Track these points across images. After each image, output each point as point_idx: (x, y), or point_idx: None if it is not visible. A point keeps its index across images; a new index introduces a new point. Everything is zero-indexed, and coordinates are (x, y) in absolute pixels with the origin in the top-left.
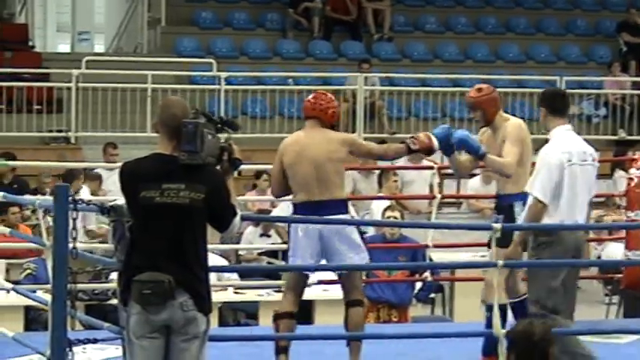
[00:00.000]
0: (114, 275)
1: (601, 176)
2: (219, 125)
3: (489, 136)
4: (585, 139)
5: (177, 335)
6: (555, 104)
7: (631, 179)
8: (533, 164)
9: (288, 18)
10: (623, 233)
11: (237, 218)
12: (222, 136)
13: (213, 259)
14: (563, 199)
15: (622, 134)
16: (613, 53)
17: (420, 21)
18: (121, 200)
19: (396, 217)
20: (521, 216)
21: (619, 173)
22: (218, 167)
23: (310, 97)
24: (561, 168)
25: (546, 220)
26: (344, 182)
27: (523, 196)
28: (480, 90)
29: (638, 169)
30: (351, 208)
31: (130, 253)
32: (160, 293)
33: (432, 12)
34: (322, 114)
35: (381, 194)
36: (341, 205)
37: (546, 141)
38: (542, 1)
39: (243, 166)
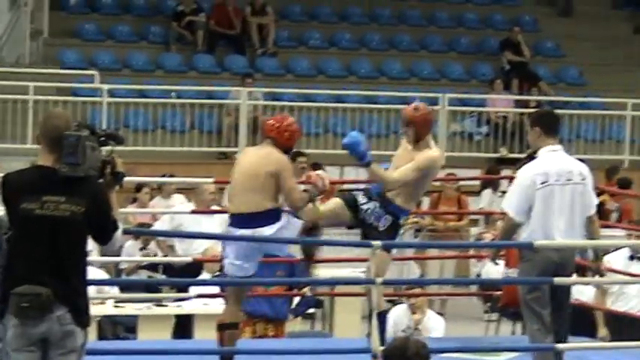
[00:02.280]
0: None
1: (476, 193)
2: (102, 138)
3: (406, 151)
4: (467, 157)
5: (54, 349)
6: (551, 125)
7: None
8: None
9: (172, 31)
10: (502, 251)
11: (119, 232)
12: (106, 149)
13: (94, 273)
14: (535, 219)
15: (503, 152)
16: (495, 71)
17: (304, 36)
18: None
19: None
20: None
21: (486, 191)
22: (101, 180)
23: (272, 118)
24: (532, 188)
25: (519, 238)
26: (272, 196)
27: (407, 212)
28: (417, 109)
29: None
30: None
31: (9, 265)
32: (38, 306)
33: (316, 27)
34: (278, 135)
35: None
36: (262, 218)
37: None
38: (426, 18)
39: (124, 179)
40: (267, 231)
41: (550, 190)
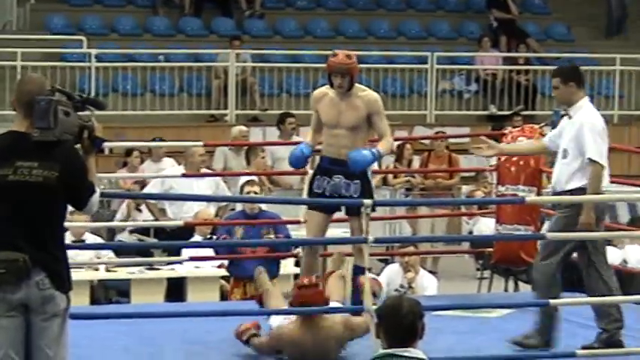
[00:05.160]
0: None
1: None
2: (79, 103)
3: (335, 102)
4: (456, 115)
5: (36, 314)
6: (581, 77)
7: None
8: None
9: None
10: (493, 208)
11: (96, 196)
12: (86, 113)
13: (90, 238)
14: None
15: (493, 109)
16: (483, 29)
17: None
18: None
19: (255, 192)
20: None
21: None
22: (78, 145)
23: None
24: (605, 133)
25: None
26: None
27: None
28: (349, 57)
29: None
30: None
31: None
32: (15, 272)
33: None
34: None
35: (248, 170)
36: None
37: None
38: None
39: (114, 144)
40: None
41: None
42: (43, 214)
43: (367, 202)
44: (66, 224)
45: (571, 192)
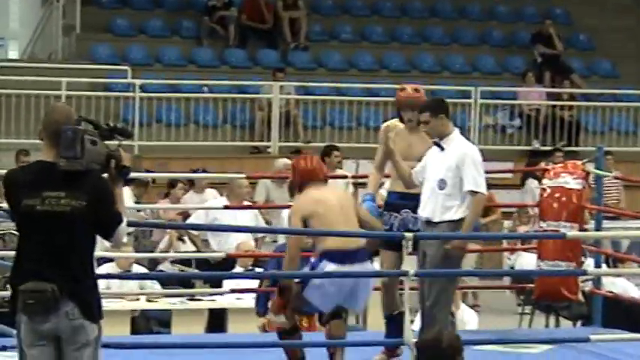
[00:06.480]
0: None
1: (514, 186)
2: (106, 132)
3: (403, 133)
4: (499, 150)
5: (67, 344)
6: (448, 109)
7: (544, 190)
8: None
9: (204, 26)
10: (535, 243)
11: (123, 225)
12: (113, 143)
13: (135, 268)
14: None
15: (536, 145)
16: (527, 64)
17: (336, 30)
18: None
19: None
20: None
21: (533, 183)
22: (105, 175)
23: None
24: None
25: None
26: None
27: None
28: (417, 90)
29: (550, 179)
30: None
31: (16, 262)
32: (44, 303)
33: (347, 21)
34: None
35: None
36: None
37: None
38: (458, 11)
39: (157, 174)
40: None
41: None
42: (72, 244)
43: (408, 235)
44: (111, 255)
45: (455, 222)
